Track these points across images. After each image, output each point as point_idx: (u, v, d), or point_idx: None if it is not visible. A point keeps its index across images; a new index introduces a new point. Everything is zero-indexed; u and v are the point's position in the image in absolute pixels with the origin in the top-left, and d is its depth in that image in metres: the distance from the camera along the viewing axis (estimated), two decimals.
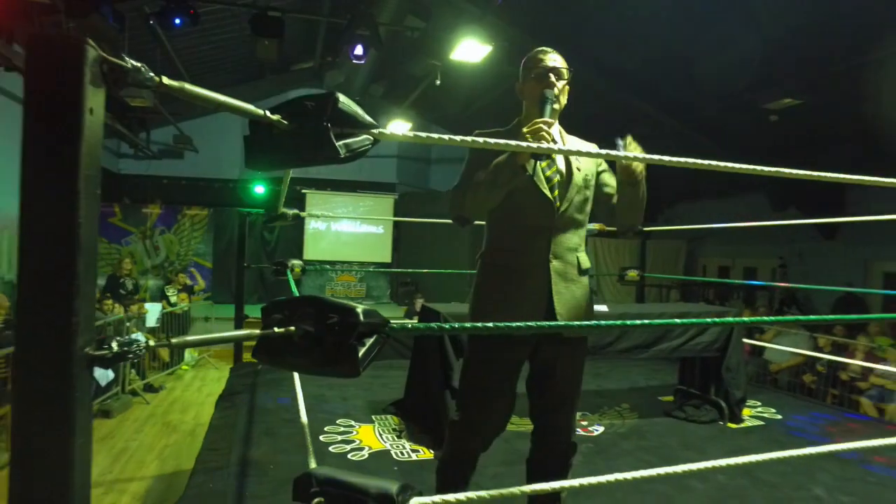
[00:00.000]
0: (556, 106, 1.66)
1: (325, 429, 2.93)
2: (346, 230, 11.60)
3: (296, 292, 2.55)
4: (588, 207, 1.74)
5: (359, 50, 5.62)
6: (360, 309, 1.13)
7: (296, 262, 4.09)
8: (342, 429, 2.94)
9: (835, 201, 9.06)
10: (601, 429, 3.06)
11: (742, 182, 10.00)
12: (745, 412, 3.38)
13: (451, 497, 1.43)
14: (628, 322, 1.24)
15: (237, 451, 2.55)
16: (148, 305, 7.17)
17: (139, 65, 0.90)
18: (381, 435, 2.87)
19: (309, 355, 1.15)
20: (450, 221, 1.81)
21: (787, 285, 9.13)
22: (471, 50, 5.46)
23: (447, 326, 1.31)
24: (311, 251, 11.04)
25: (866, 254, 9.52)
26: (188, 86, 1.03)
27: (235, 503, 2.09)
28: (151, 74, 0.94)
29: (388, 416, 3.12)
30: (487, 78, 7.35)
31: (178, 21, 5.01)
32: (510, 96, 1.88)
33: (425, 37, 6.21)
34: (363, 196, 11.60)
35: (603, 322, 1.28)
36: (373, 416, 3.13)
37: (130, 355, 0.92)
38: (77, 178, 0.74)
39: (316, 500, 1.21)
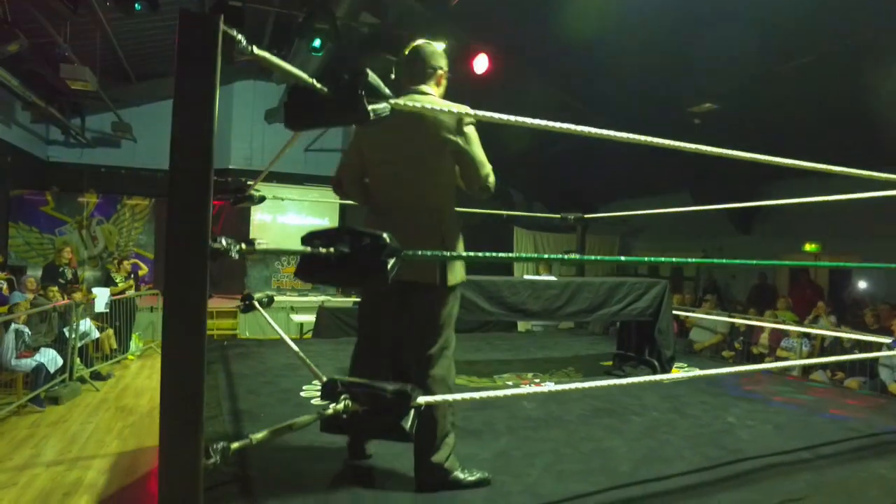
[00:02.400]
0: None
1: (304, 387, 3.15)
2: (292, 222, 11.61)
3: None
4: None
5: (317, 42, 5.79)
6: (387, 235, 1.42)
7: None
8: (319, 388, 3.17)
9: (749, 200, 10.02)
10: (553, 383, 3.45)
11: (668, 181, 10.85)
12: (674, 371, 3.88)
13: (449, 396, 1.74)
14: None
15: (226, 405, 2.73)
16: (96, 290, 7.00)
17: (240, 37, 1.20)
18: None
19: (345, 271, 1.44)
20: None
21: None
22: None
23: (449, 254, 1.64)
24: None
25: (777, 247, 10.52)
26: (269, 55, 1.31)
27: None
28: (245, 44, 1.23)
29: None
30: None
31: (138, 6, 5.02)
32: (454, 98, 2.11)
33: (382, 33, 6.45)
34: (309, 188, 11.64)
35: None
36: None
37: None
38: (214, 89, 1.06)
39: (343, 397, 1.49)
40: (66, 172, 10.47)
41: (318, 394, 3.07)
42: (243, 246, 1.24)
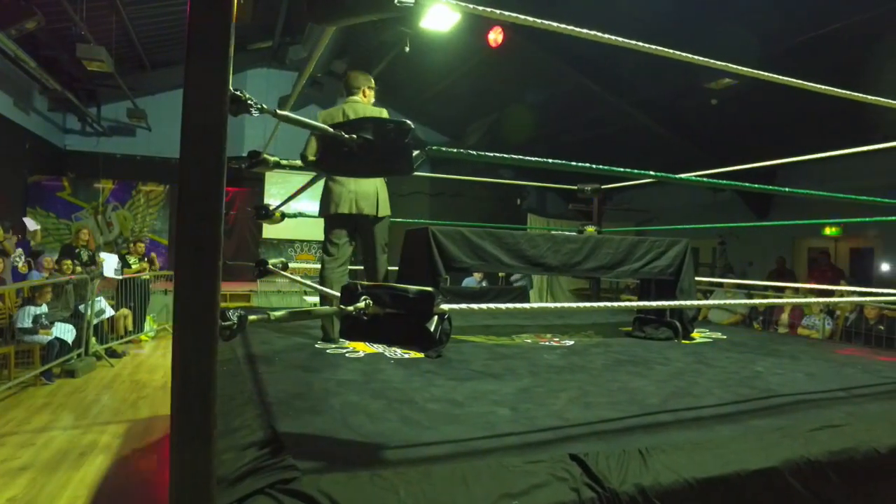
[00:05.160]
0: None
1: (318, 342, 3.10)
2: (305, 209, 11.60)
3: None
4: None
5: None
6: (410, 123, 1.36)
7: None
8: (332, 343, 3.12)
9: (766, 183, 9.89)
10: (572, 342, 3.37)
11: (682, 166, 10.72)
12: (695, 334, 3.78)
13: (465, 306, 1.68)
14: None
15: (240, 352, 2.69)
16: (104, 255, 7.01)
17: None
18: (370, 344, 3.06)
19: (368, 159, 1.38)
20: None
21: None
22: (440, 18, 5.70)
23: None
24: (270, 230, 10.97)
25: (794, 232, 10.33)
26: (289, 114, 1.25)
27: (252, 380, 2.25)
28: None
29: None
30: (452, 54, 7.62)
31: None
32: (466, 82, 2.12)
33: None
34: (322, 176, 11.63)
35: None
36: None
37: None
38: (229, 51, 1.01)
39: (363, 298, 1.43)
40: (82, 160, 10.57)
41: (333, 345, 3.04)
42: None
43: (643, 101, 8.85)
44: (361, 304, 1.36)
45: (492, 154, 1.48)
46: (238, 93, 1.14)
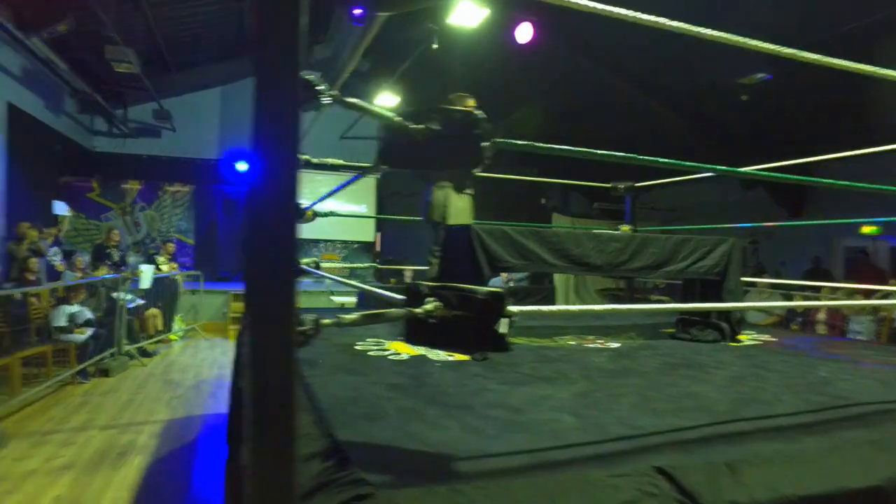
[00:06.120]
0: None
1: (357, 344, 3.04)
2: (330, 209, 11.62)
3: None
4: None
5: (359, 11, 5.70)
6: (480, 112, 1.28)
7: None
8: (372, 343, 3.06)
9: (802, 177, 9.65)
10: (617, 344, 3.27)
11: (713, 162, 10.48)
12: (742, 336, 3.64)
13: (534, 308, 1.60)
14: None
15: None
16: (143, 267, 7.09)
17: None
18: (412, 346, 2.99)
19: (434, 151, 1.30)
20: None
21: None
22: (468, 13, 5.62)
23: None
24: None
25: (830, 230, 10.04)
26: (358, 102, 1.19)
27: (299, 384, 2.19)
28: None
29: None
30: (478, 51, 7.52)
31: None
32: (490, 80, 2.05)
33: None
34: (345, 176, 11.63)
35: None
36: (397, 337, 3.25)
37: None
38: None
39: (430, 299, 1.35)
40: (110, 161, 10.70)
41: (374, 348, 2.97)
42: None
43: (670, 98, 8.68)
44: (430, 306, 1.28)
45: (559, 147, 1.40)
46: (311, 78, 1.06)
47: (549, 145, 1.31)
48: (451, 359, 2.76)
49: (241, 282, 9.11)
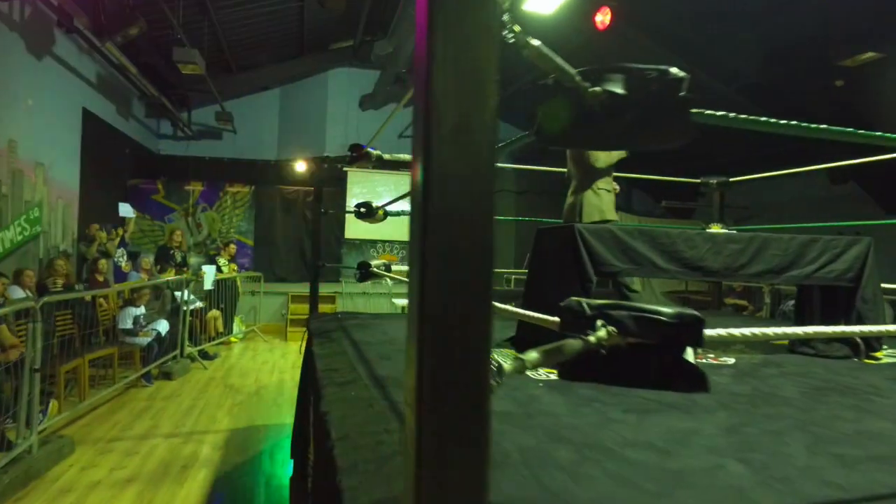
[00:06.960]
0: None
1: None
2: (387, 209, 11.46)
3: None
4: None
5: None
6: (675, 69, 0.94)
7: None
8: None
9: None
10: (732, 360, 2.83)
11: (797, 155, 9.67)
12: (878, 353, 3.12)
13: (725, 331, 1.23)
14: None
15: (361, 369, 2.36)
16: (205, 268, 7.07)
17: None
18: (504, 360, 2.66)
19: (619, 122, 0.96)
20: None
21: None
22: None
23: None
24: (352, 230, 10.90)
25: None
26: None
27: (389, 408, 1.90)
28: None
29: (506, 350, 2.92)
30: (551, 40, 7.13)
31: None
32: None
33: None
34: (405, 174, 11.45)
35: None
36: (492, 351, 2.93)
37: None
38: None
39: (599, 323, 1.00)
40: (174, 163, 10.90)
41: None
42: None
43: (750, 86, 8.02)
44: (602, 333, 0.94)
45: (762, 119, 1.04)
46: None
47: (752, 117, 0.95)
48: (552, 377, 2.42)
49: (299, 281, 8.86)
